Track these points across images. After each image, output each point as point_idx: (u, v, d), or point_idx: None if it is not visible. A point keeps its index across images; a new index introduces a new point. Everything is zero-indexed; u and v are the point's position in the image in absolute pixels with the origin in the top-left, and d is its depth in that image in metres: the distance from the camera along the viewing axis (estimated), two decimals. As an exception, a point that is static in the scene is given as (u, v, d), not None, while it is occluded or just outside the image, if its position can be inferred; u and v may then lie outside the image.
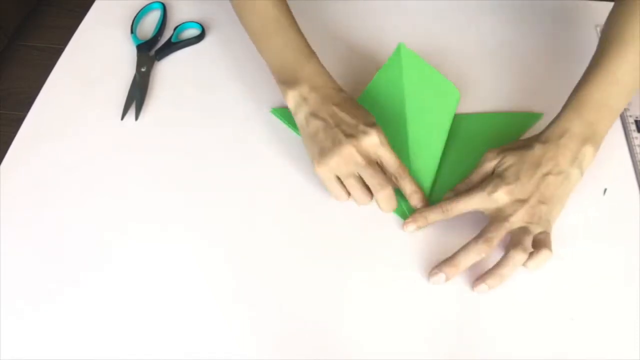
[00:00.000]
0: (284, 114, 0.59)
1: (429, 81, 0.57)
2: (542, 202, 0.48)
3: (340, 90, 0.54)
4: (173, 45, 0.65)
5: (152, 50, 0.65)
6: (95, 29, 0.68)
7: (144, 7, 0.69)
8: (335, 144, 0.50)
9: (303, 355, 0.45)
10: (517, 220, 0.48)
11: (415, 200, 0.51)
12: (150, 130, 0.59)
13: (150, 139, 0.58)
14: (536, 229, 0.48)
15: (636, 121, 0.58)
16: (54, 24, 1.72)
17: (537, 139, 0.51)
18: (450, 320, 0.47)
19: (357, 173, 0.50)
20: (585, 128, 0.50)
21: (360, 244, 0.51)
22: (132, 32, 0.66)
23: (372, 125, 0.50)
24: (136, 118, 0.59)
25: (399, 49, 0.58)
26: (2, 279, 0.49)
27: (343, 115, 0.51)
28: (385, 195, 0.50)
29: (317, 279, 0.49)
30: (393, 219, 0.52)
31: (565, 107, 0.52)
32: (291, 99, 0.53)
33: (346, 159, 0.50)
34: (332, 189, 0.51)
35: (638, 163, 0.55)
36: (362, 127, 0.50)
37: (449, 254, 0.49)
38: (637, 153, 0.56)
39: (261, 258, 0.50)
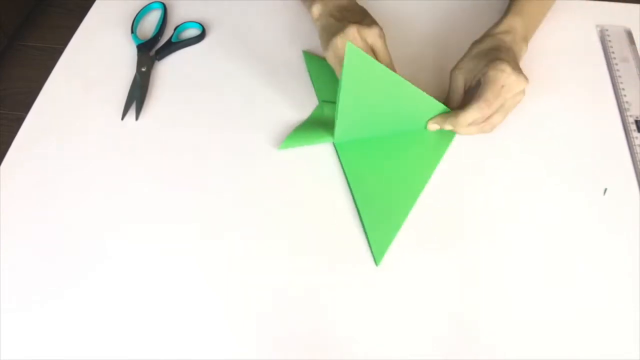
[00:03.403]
0: (312, 59, 0.64)
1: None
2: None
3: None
4: (173, 45, 0.65)
5: (152, 50, 0.65)
6: (95, 29, 0.68)
7: (144, 7, 0.69)
8: (342, 28, 0.56)
9: (303, 356, 0.45)
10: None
11: None
12: (151, 130, 0.59)
13: (151, 139, 0.58)
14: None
15: (636, 121, 0.58)
16: (54, 24, 1.72)
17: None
18: (451, 320, 0.47)
19: None
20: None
21: (361, 245, 0.51)
22: (132, 32, 0.66)
23: (376, 23, 0.57)
24: (136, 118, 0.59)
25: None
26: (2, 279, 0.49)
27: (354, 14, 0.59)
28: None
29: (317, 279, 0.49)
30: (393, 219, 0.52)
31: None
32: (314, 10, 0.60)
33: (349, 38, 0.55)
34: (339, 71, 0.56)
35: (638, 163, 0.55)
36: (367, 20, 0.57)
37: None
38: (637, 153, 0.56)
39: (262, 257, 0.50)
